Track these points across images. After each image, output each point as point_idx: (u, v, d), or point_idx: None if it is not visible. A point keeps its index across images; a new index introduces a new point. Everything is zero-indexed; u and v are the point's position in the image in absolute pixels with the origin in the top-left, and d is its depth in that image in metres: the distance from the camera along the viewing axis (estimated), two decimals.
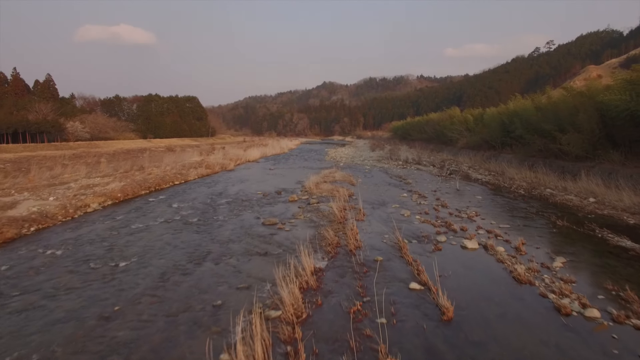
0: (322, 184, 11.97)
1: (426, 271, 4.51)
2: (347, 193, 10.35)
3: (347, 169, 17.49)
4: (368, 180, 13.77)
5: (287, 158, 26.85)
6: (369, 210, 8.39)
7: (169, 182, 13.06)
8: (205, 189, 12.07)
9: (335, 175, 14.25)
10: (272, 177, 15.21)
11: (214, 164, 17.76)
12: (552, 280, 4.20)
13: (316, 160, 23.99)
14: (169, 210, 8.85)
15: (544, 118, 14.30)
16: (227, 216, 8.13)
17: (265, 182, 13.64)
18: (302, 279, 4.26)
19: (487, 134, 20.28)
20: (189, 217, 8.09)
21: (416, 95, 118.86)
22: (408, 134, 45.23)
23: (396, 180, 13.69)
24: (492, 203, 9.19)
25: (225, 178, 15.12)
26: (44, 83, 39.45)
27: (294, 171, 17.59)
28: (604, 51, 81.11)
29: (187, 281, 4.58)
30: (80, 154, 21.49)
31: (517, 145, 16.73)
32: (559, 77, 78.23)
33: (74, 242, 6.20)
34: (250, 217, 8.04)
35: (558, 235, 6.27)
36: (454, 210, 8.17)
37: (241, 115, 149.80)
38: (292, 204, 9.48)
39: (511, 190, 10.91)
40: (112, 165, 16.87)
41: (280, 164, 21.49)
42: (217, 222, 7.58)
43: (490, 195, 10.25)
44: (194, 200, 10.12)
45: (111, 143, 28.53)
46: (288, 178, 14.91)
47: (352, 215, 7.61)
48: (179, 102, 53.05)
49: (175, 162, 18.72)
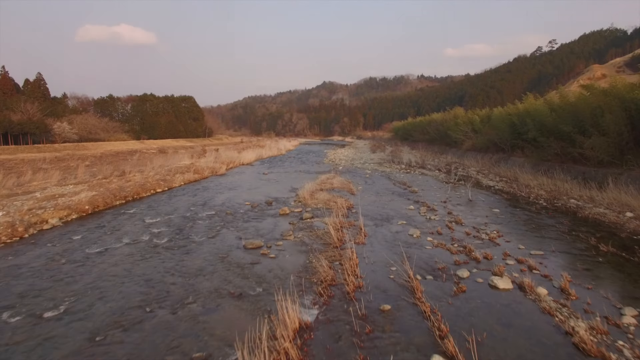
0: (318, 193, 10.76)
1: (451, 332, 3.30)
2: (345, 204, 9.14)
3: (346, 174, 16.28)
4: (369, 187, 12.55)
5: (283, 161, 25.63)
6: (371, 228, 7.17)
7: (150, 190, 11.84)
8: (189, 199, 10.85)
9: (333, 182, 13.04)
10: (264, 184, 13.99)
11: (203, 169, 16.55)
12: (634, 353, 2.97)
13: (314, 164, 22.77)
14: (139, 226, 7.64)
15: (561, 119, 13.08)
16: (204, 235, 6.91)
17: (257, 190, 12.42)
18: (280, 347, 3.04)
19: (496, 136, 19.06)
20: (160, 236, 6.87)
21: (417, 95, 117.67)
22: (409, 134, 44.01)
23: (400, 187, 12.47)
24: (513, 218, 7.97)
25: (214, 184, 13.90)
26: (34, 82, 38.19)
27: (290, 176, 16.37)
28: (607, 50, 79.92)
29: (126, 343, 3.37)
30: (63, 157, 20.27)
31: (529, 148, 15.52)
32: (562, 76, 76.99)
33: (0, 277, 4.98)
34: (232, 237, 6.83)
35: (607, 266, 5.05)
36: (470, 229, 6.95)
37: (240, 116, 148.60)
38: (283, 218, 8.26)
39: (530, 201, 9.69)
40: (94, 170, 15.66)
41: (276, 168, 20.27)
42: (191, 245, 6.37)
43: (508, 208, 9.03)
44: (173, 213, 8.90)
45: (100, 145, 27.31)
46: (282, 184, 13.69)
47: (351, 236, 6.40)
48: (174, 102, 51.70)
49: (163, 166, 17.51)
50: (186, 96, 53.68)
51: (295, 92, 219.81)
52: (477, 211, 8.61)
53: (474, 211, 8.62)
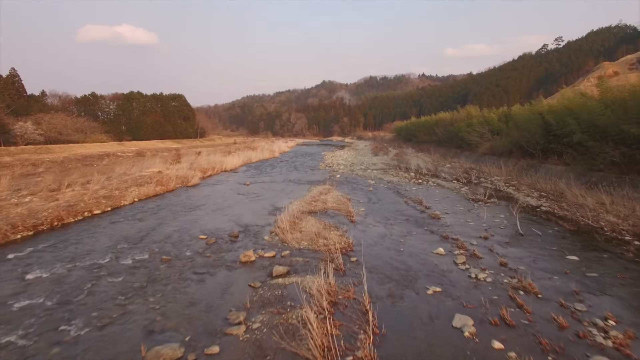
0: (304, 220, 7.79)
1: None
2: (341, 243, 6.18)
3: (344, 185, 13.30)
4: (374, 208, 9.57)
5: (274, 165, 22.63)
6: (384, 304, 4.19)
7: (81, 213, 8.84)
8: (126, 227, 7.87)
9: (327, 199, 10.08)
10: (240, 201, 11.02)
11: (170, 179, 13.56)
12: None
13: (308, 170, 19.78)
14: (6, 289, 4.67)
15: (623, 117, 10.09)
16: (92, 323, 3.93)
17: (226, 211, 9.44)
18: None
19: (522, 138, 16.06)
20: (21, 318, 3.90)
21: (419, 94, 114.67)
22: (414, 135, 41.07)
23: (416, 208, 9.48)
24: (616, 281, 4.96)
25: (176, 201, 10.92)
26: (7, 78, 35.09)
27: (275, 188, 13.40)
28: (617, 47, 76.91)
29: None
30: (13, 162, 17.27)
31: (570, 154, 12.53)
32: (571, 74, 74.04)
33: None
34: (137, 327, 3.84)
35: None
36: (558, 309, 3.97)
37: (238, 115, 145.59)
38: (243, 271, 5.30)
39: (608, 236, 6.70)
40: (31, 181, 12.66)
41: (262, 176, 17.28)
42: (58, 347, 3.39)
43: (587, 252, 6.02)
44: (82, 258, 5.93)
45: (69, 147, 24.32)
46: (262, 202, 10.72)
47: (348, 337, 3.42)
48: (163, 100, 48.46)
49: (124, 175, 14.52)
50: (176, 94, 50.42)
51: (295, 91, 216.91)
52: (545, 260, 5.61)
53: (539, 259, 5.63)
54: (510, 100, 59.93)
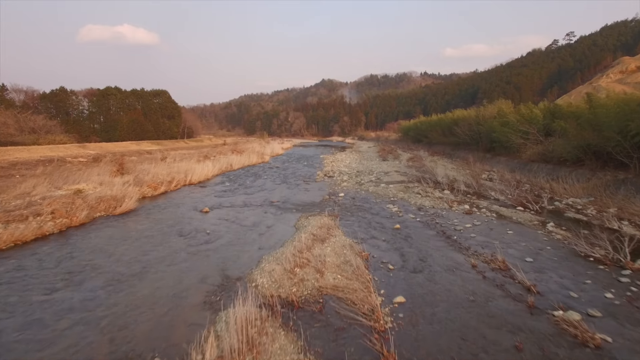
0: (270, 343, 3.03)
1: None
2: None
3: (352, 215, 8.58)
4: (417, 287, 4.84)
5: (259, 175, 17.84)
6: None
7: None
8: None
9: (325, 256, 5.38)
10: (165, 259, 6.28)
11: (84, 205, 8.83)
12: None
13: (301, 182, 15.01)
14: None
15: None
16: None
17: (124, 294, 4.71)
18: None
19: (605, 141, 11.30)
20: None
21: (423, 93, 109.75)
22: (424, 136, 36.33)
23: (504, 288, 4.75)
24: None
25: (57, 257, 6.19)
26: None
27: (247, 219, 8.66)
28: (637, 42, 72.02)
29: None
30: None
31: None
32: (588, 70, 69.13)
33: None
34: None
35: None
36: None
37: (234, 114, 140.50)
38: None
39: None
40: None
41: (236, 193, 12.50)
42: None
43: None
44: None
45: (4, 150, 19.62)
46: (205, 264, 5.98)
47: None
48: (144, 97, 43.43)
49: (26, 195, 9.80)
50: (159, 90, 45.25)
51: (293, 90, 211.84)
52: None
53: None
54: (523, 98, 55.11)
